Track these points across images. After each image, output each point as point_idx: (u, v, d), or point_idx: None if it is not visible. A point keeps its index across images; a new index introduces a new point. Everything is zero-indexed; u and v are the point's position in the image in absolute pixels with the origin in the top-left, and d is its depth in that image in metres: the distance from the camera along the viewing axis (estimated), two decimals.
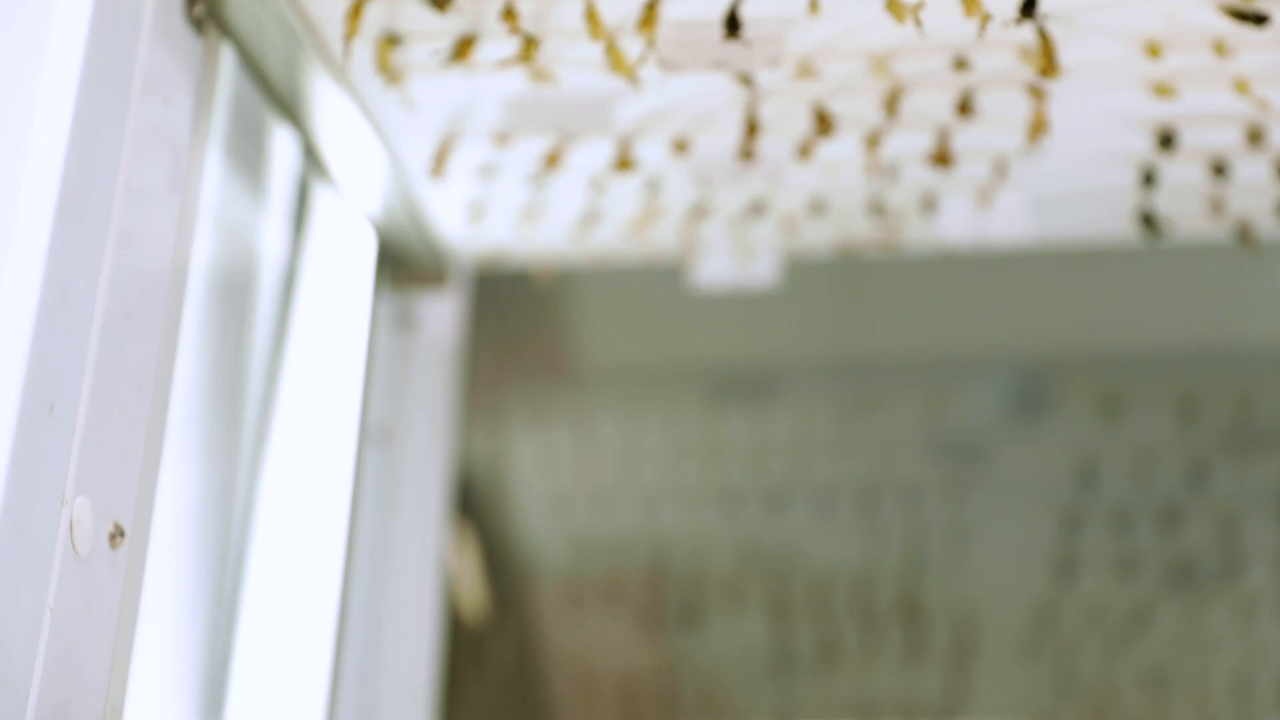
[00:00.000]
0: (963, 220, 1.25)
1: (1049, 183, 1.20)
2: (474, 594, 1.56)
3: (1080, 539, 1.55)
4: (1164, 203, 1.21)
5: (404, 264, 1.36)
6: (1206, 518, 1.54)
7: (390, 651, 1.37)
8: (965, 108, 1.07)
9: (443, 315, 1.38)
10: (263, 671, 1.17)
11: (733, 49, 0.93)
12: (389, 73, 1.06)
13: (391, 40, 1.02)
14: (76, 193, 0.75)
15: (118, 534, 0.76)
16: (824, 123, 1.09)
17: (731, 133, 1.14)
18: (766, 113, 1.10)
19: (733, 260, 1.33)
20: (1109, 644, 1.53)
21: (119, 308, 0.77)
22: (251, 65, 1.03)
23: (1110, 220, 1.25)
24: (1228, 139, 1.11)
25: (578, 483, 1.61)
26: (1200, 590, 1.53)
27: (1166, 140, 1.11)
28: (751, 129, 1.11)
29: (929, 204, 1.24)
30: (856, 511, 1.57)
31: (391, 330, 1.37)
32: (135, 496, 0.78)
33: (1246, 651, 1.52)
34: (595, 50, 1.00)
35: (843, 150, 1.15)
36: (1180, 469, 1.56)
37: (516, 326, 1.61)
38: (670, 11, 0.94)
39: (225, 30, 0.95)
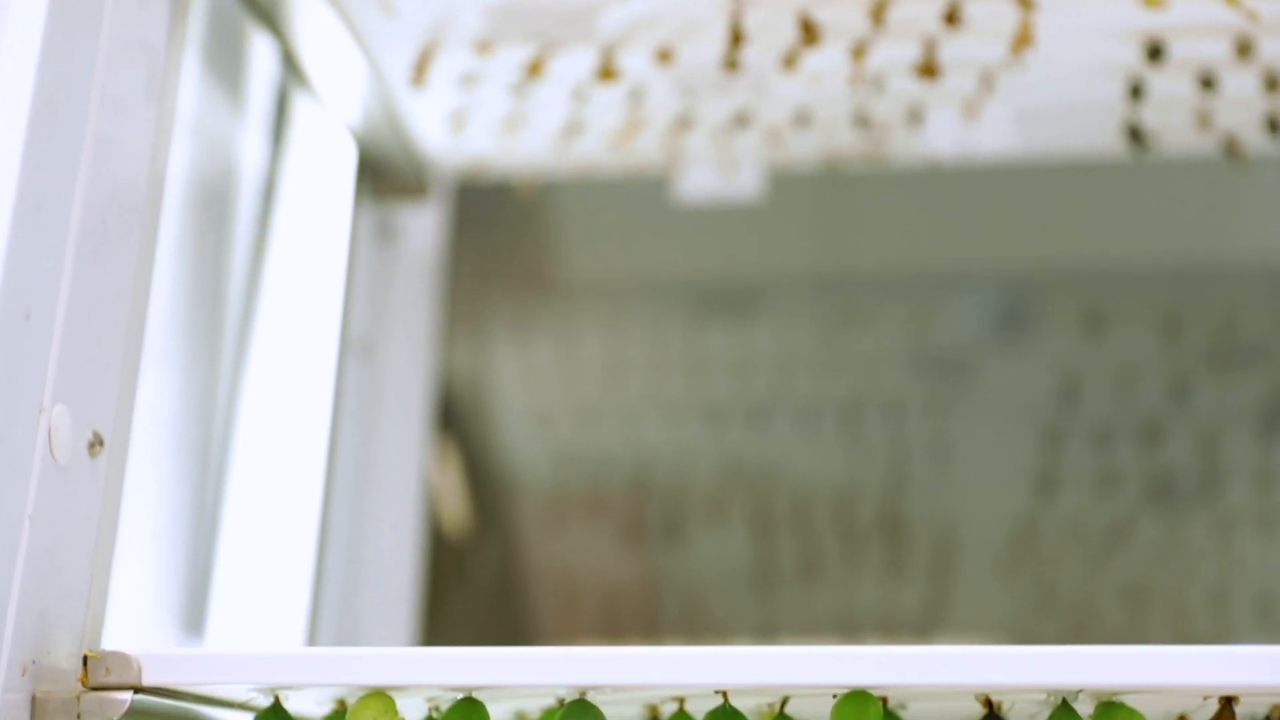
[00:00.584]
0: (949, 133, 1.24)
1: (1036, 95, 1.19)
2: (456, 508, 1.56)
3: (1062, 455, 1.55)
4: (1151, 116, 1.20)
5: (384, 175, 1.35)
6: (1188, 434, 1.55)
7: (372, 565, 1.37)
8: (953, 18, 1.06)
9: (424, 227, 1.37)
10: (244, 583, 1.17)
11: None
12: None
13: None
14: (50, 100, 0.73)
15: (97, 443, 0.75)
16: (810, 32, 1.08)
17: (716, 42, 1.12)
18: (751, 21, 1.09)
19: (717, 173, 1.32)
20: (1089, 559, 1.53)
21: (95, 216, 0.76)
22: None
23: (1097, 134, 1.24)
24: (1216, 51, 1.10)
25: (560, 397, 1.60)
26: (1180, 506, 1.53)
27: (1155, 52, 1.10)
28: (736, 38, 1.10)
29: (915, 116, 1.23)
30: (839, 426, 1.57)
31: (372, 242, 1.36)
32: (114, 405, 0.77)
33: (1225, 567, 1.52)
34: None
35: (828, 61, 1.14)
36: (1162, 385, 1.56)
37: (499, 239, 1.60)
38: None
39: None
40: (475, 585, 1.56)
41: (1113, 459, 1.55)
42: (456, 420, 1.58)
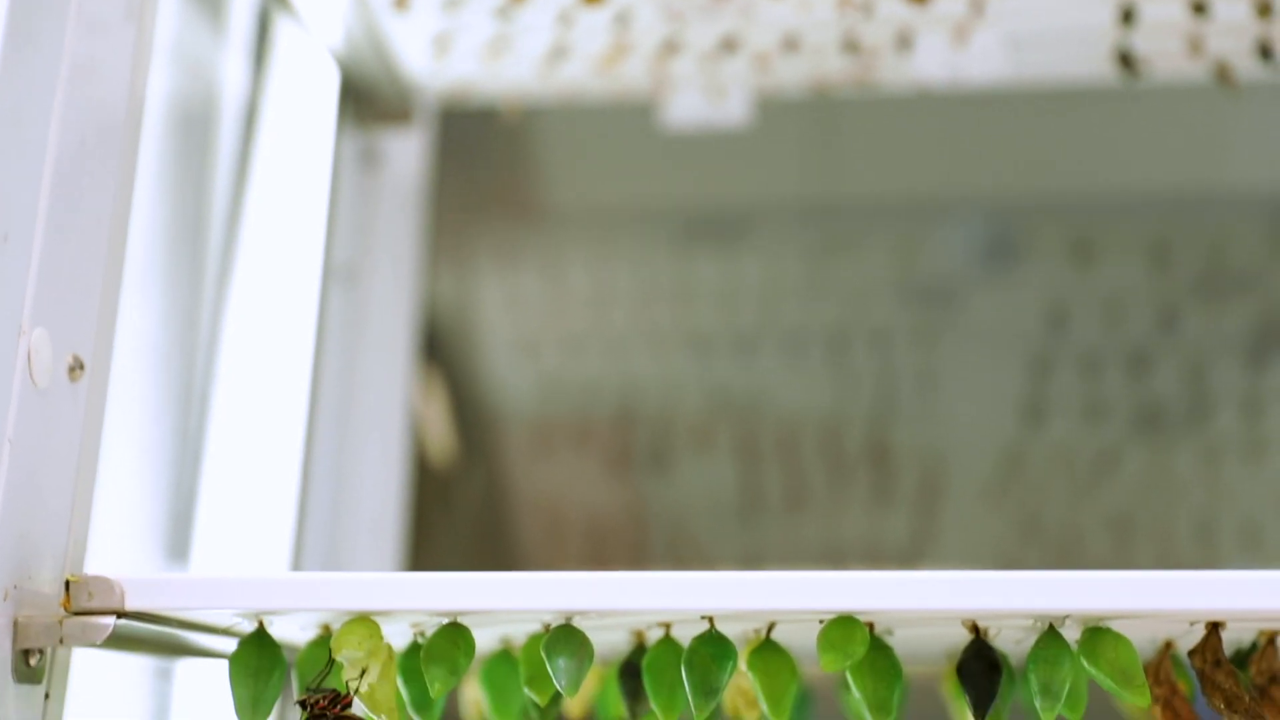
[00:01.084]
0: (938, 59, 1.23)
1: (1026, 20, 1.18)
2: (441, 436, 1.55)
3: (1049, 384, 1.55)
4: (1142, 42, 1.19)
5: (368, 100, 1.33)
6: (1175, 363, 1.54)
7: (357, 493, 1.37)
8: None
9: (408, 153, 1.36)
10: (229, 510, 1.16)
11: None
12: None
13: None
14: (26, 19, 0.72)
15: (77, 366, 0.74)
16: None
17: None
18: None
19: (704, 99, 1.31)
20: (1075, 488, 1.53)
21: (74, 137, 0.75)
22: None
23: (1087, 59, 1.23)
24: None
25: (546, 326, 1.59)
26: (1167, 435, 1.53)
27: None
28: None
29: (904, 41, 1.22)
30: (826, 356, 1.56)
31: (355, 168, 1.35)
32: (95, 329, 0.76)
33: (1211, 496, 1.53)
34: None
35: None
36: (1151, 314, 1.55)
37: (483, 166, 1.59)
38: None
39: None
40: (460, 515, 1.56)
41: (1100, 388, 1.54)
42: (441, 349, 1.57)
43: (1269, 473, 1.52)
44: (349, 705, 0.79)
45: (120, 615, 0.74)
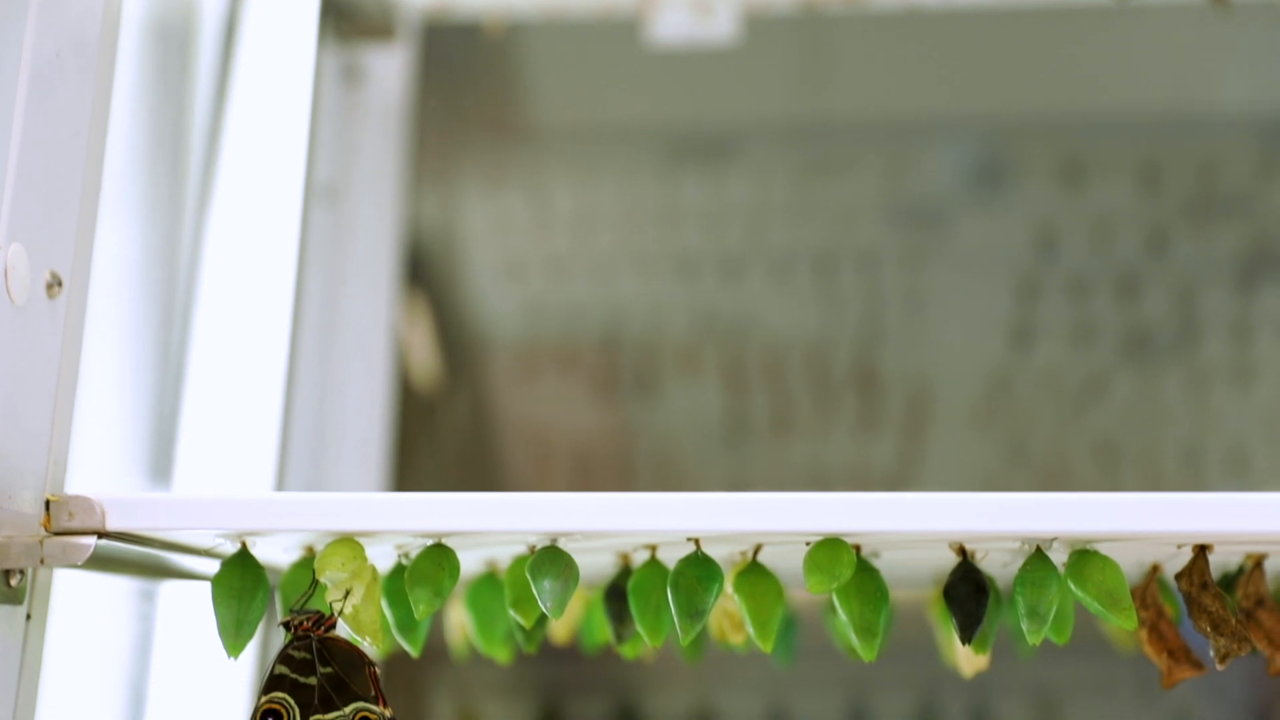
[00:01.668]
0: None
1: None
2: (425, 360, 1.55)
3: (1037, 307, 1.54)
4: None
5: (349, 15, 1.32)
6: (1165, 287, 1.54)
7: (341, 416, 1.36)
8: None
9: (390, 70, 1.34)
10: (211, 433, 1.16)
11: None
12: None
13: None
14: None
15: (55, 283, 0.73)
16: None
17: None
18: None
19: (691, 15, 1.29)
20: (1062, 413, 1.53)
21: (48, 49, 0.74)
22: None
23: None
24: None
25: (531, 248, 1.58)
26: (1156, 360, 1.53)
27: None
28: None
29: None
30: (813, 279, 1.56)
31: (337, 85, 1.33)
32: (73, 246, 0.75)
33: (1199, 421, 1.52)
34: None
35: None
36: (1140, 237, 1.55)
37: (467, 84, 1.57)
38: None
39: None
40: (445, 439, 1.55)
41: (1089, 312, 1.54)
42: (425, 272, 1.56)
43: (1257, 399, 1.52)
44: (333, 627, 0.79)
45: (101, 535, 0.73)
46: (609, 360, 1.56)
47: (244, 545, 0.79)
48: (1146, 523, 0.74)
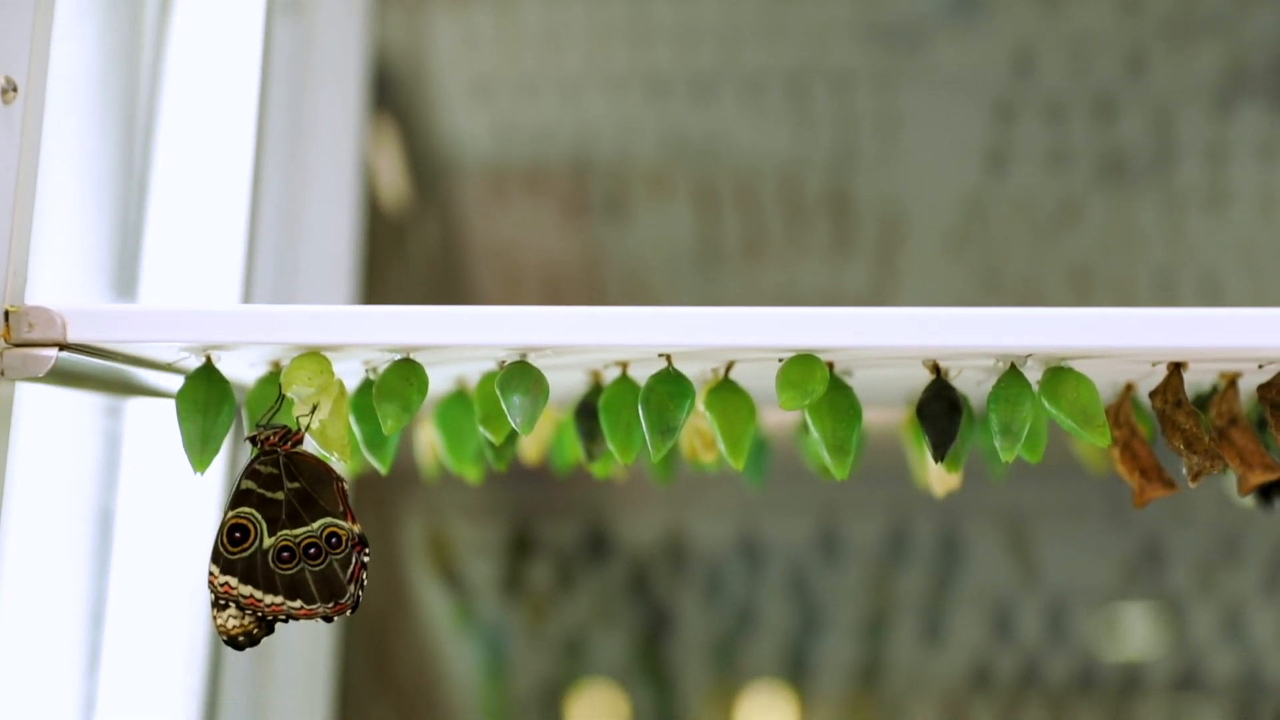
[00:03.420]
0: None
1: None
2: (393, 182, 1.53)
3: (1013, 131, 1.52)
4: None
5: None
6: (1142, 110, 1.52)
7: (308, 239, 1.35)
8: None
9: None
10: (176, 251, 1.14)
11: None
12: None
13: None
14: None
15: (10, 89, 0.71)
16: None
17: None
18: None
19: None
20: (1037, 238, 1.52)
21: None
22: None
23: None
24: None
25: (499, 67, 1.55)
26: (1131, 184, 1.52)
27: None
28: None
29: None
30: (786, 100, 1.53)
31: None
32: (28, 51, 0.73)
33: (1173, 247, 1.52)
34: None
35: None
36: (1118, 59, 1.53)
37: None
38: None
39: None
40: (414, 262, 1.54)
41: (1065, 135, 1.52)
42: (392, 92, 1.54)
43: (1231, 224, 1.51)
44: (300, 442, 0.78)
45: (62, 348, 0.72)
46: (578, 182, 1.54)
47: (208, 359, 0.78)
48: (1121, 338, 0.73)
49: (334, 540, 0.77)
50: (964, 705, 1.50)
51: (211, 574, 0.76)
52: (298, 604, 0.76)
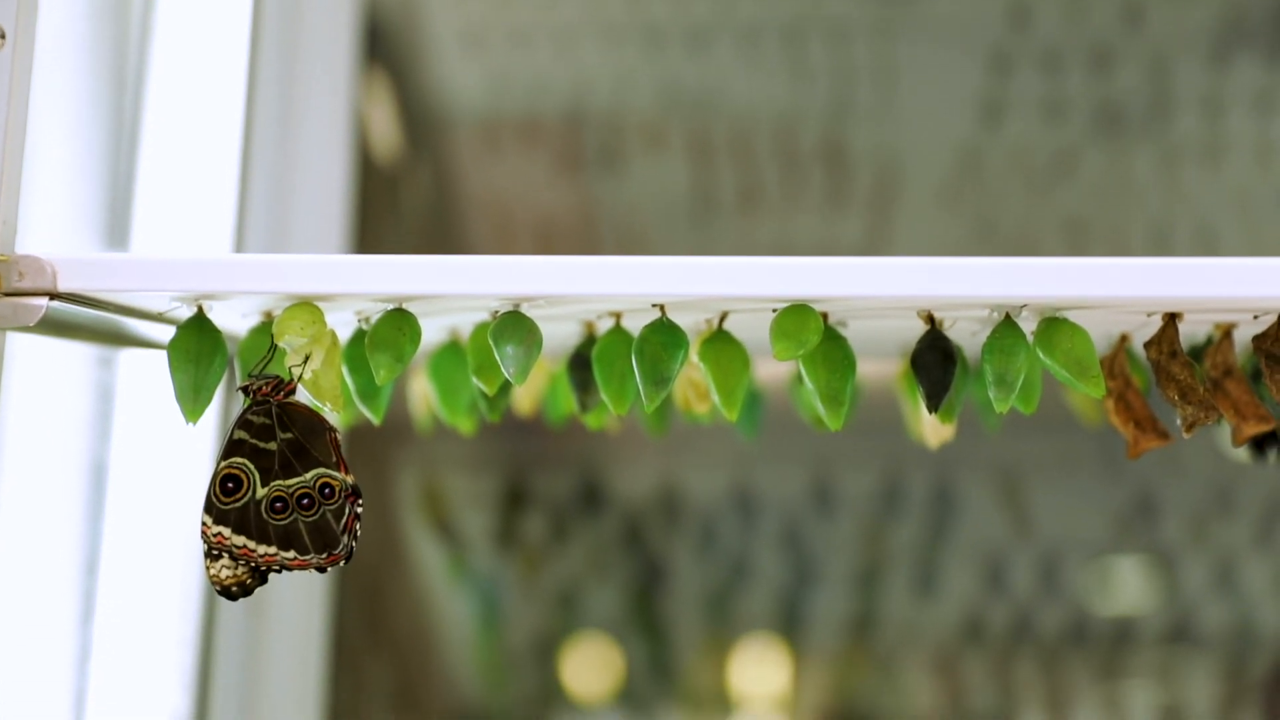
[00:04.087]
0: None
1: None
2: (386, 134, 1.52)
3: (1009, 82, 1.52)
4: None
5: None
6: (1138, 61, 1.51)
7: (300, 194, 1.34)
8: None
9: None
10: (168, 202, 1.14)
11: None
12: None
13: None
14: None
15: None
16: None
17: None
18: None
19: None
20: (1032, 190, 1.52)
21: None
22: None
23: None
24: None
25: (492, 17, 1.54)
26: (1127, 135, 1.51)
27: None
28: None
29: None
30: (781, 51, 1.53)
31: None
32: (16, 0, 0.72)
33: (1168, 199, 1.51)
34: None
35: None
36: (1114, 10, 1.52)
37: None
38: None
39: None
40: (407, 214, 1.53)
41: (1061, 86, 1.52)
42: (384, 42, 1.53)
43: (1227, 176, 1.51)
44: (292, 392, 0.78)
45: (53, 297, 0.72)
46: (573, 134, 1.53)
47: (200, 309, 0.77)
48: (1117, 288, 0.73)
49: (327, 491, 0.76)
50: (956, 657, 1.51)
51: (204, 524, 0.76)
52: (291, 555, 0.76)
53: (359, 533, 0.77)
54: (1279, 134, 1.52)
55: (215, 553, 0.76)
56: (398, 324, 0.77)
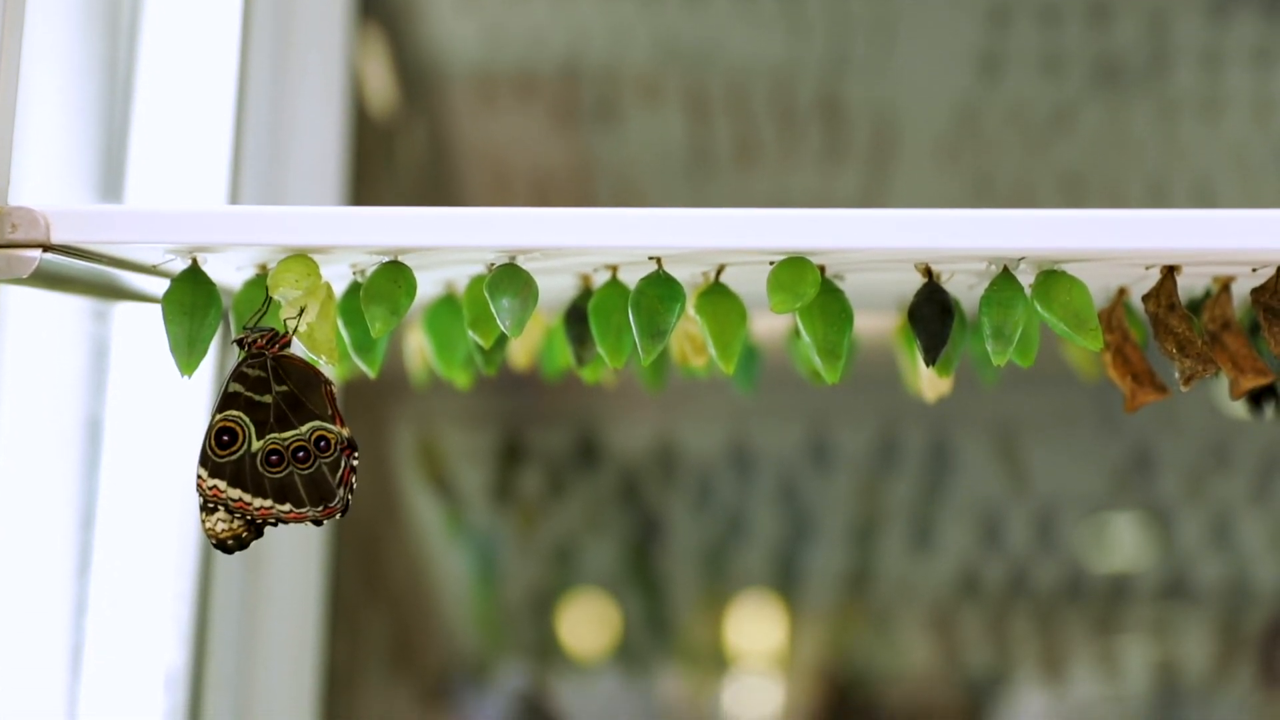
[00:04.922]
0: None
1: None
2: (381, 88, 1.51)
3: (1008, 35, 1.51)
4: None
5: None
6: (1137, 15, 1.51)
7: (296, 148, 1.34)
8: None
9: None
10: (162, 149, 1.13)
11: None
12: None
13: None
14: None
15: None
16: None
17: None
18: None
19: None
20: (1029, 145, 1.51)
21: None
22: None
23: None
24: None
25: None
26: (1125, 90, 1.51)
27: None
28: None
29: None
30: (779, 5, 1.52)
31: None
32: None
33: (1166, 154, 1.51)
34: None
35: None
36: None
37: None
38: None
39: None
40: (402, 168, 1.53)
41: (1059, 40, 1.51)
42: None
43: (1225, 131, 1.51)
44: (287, 344, 0.77)
45: (46, 249, 0.71)
46: (569, 88, 1.53)
47: (194, 262, 0.77)
48: (1115, 240, 0.73)
49: (322, 444, 0.76)
50: (952, 613, 1.51)
51: (200, 477, 0.76)
52: (286, 507, 0.76)
53: (355, 486, 0.77)
54: (1277, 89, 1.51)
55: (211, 506, 0.76)
56: (393, 277, 0.76)
